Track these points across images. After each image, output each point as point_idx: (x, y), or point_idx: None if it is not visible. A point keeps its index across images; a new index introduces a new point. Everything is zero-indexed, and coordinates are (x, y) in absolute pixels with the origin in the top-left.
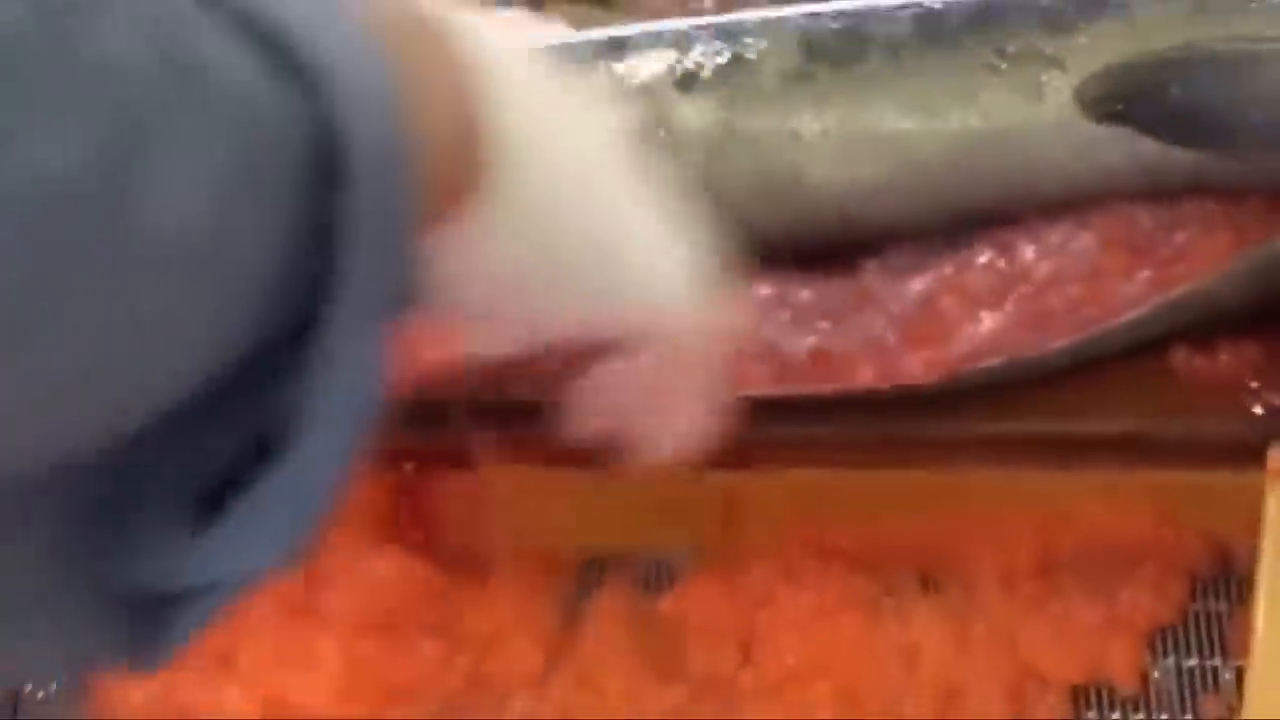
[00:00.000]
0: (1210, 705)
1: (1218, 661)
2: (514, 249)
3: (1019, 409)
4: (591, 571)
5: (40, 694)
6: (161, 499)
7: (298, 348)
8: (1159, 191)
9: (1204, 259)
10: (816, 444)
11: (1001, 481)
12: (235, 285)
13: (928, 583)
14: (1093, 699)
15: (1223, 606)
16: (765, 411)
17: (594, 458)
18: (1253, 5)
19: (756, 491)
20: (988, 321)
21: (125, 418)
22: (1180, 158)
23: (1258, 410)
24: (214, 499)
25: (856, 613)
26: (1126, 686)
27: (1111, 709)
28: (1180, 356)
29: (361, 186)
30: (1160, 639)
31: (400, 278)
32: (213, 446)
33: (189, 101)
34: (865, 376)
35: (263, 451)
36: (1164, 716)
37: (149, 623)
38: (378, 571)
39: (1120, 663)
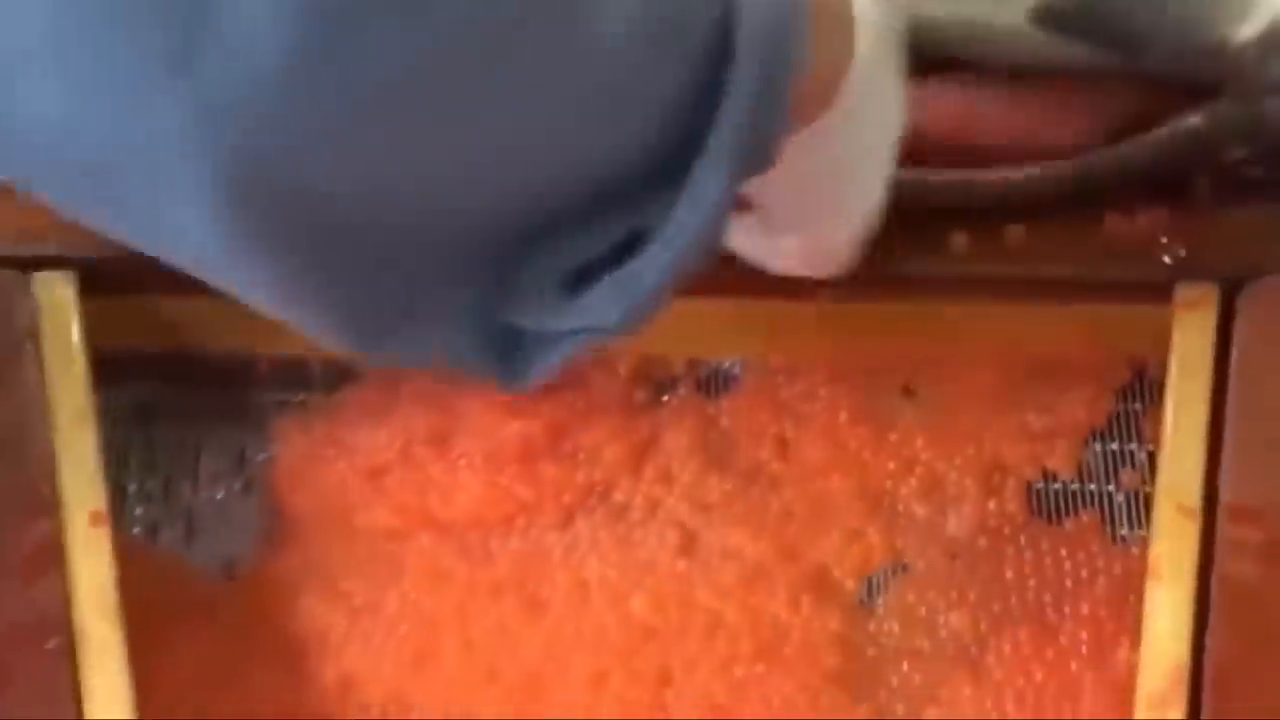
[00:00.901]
0: (1128, 478)
1: (1134, 446)
2: (838, 153)
3: (989, 254)
4: (666, 380)
5: (220, 494)
6: (552, 266)
7: (675, 172)
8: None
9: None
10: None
11: (971, 313)
12: (642, 107)
13: (910, 393)
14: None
15: (1138, 406)
16: None
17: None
18: None
19: (791, 317)
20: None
21: (548, 191)
22: (1109, 59)
23: (1167, 260)
24: (589, 271)
25: (862, 419)
26: (1067, 471)
27: (1054, 481)
28: (1110, 219)
29: (745, 66)
30: (1091, 433)
31: (761, 143)
32: (598, 232)
33: None
34: None
35: (630, 244)
36: (1092, 486)
37: (519, 353)
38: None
39: (1062, 454)
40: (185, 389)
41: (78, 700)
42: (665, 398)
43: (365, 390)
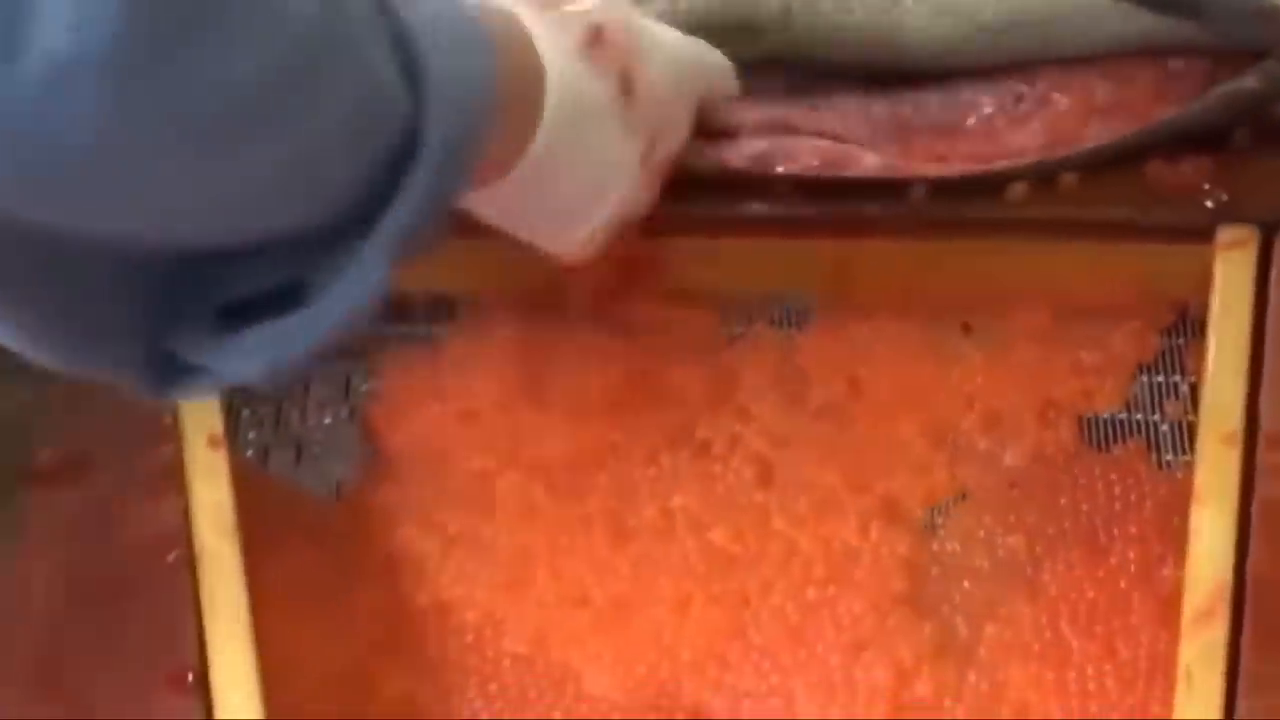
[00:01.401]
0: (1172, 408)
1: (1178, 378)
2: (527, 204)
3: (1043, 200)
4: (744, 319)
5: (327, 420)
6: (204, 300)
7: (345, 242)
8: (1151, 50)
9: (1180, 97)
10: (900, 220)
11: (1030, 253)
12: (332, 187)
13: (970, 331)
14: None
15: (1181, 342)
16: (868, 194)
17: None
18: None
19: (859, 256)
20: (1025, 135)
21: (228, 231)
22: (1167, 25)
23: (1209, 204)
24: (246, 315)
25: (928, 357)
26: (1115, 403)
27: (1103, 413)
28: (1154, 166)
29: (424, 168)
30: (1138, 367)
31: (426, 230)
32: (262, 273)
33: (340, 59)
34: (937, 168)
35: (288, 294)
36: (1139, 416)
37: (168, 375)
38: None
39: (1111, 387)
40: None
41: (197, 610)
42: (742, 335)
43: (462, 333)
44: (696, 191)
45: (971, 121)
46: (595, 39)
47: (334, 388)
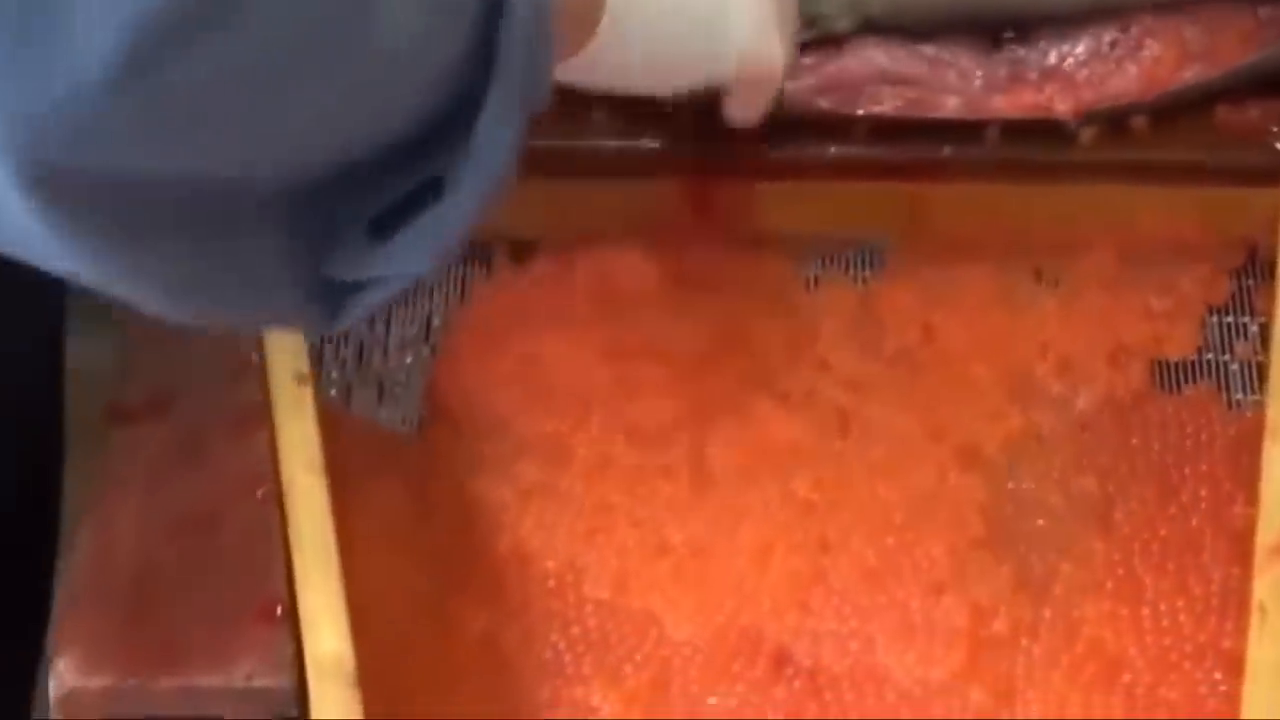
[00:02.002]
0: (1241, 349)
1: (1247, 319)
2: (629, 57)
3: (1114, 143)
4: (819, 263)
5: (409, 359)
6: (354, 217)
7: (466, 124)
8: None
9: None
10: (973, 163)
11: (1101, 196)
12: (431, 74)
13: (1041, 277)
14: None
15: (1251, 283)
16: (945, 134)
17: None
18: None
19: (933, 198)
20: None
21: (351, 147)
22: None
23: (1278, 146)
24: (392, 221)
25: (1001, 303)
26: (1187, 346)
27: (1175, 356)
28: (1222, 110)
29: (515, 21)
30: (1208, 309)
31: (537, 87)
32: (398, 182)
33: None
34: (1017, 106)
35: (428, 192)
36: (1209, 356)
37: (334, 303)
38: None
39: (1181, 330)
40: None
41: (285, 544)
42: (818, 281)
43: (541, 279)
44: (774, 133)
45: (1068, 65)
46: None
47: (415, 327)
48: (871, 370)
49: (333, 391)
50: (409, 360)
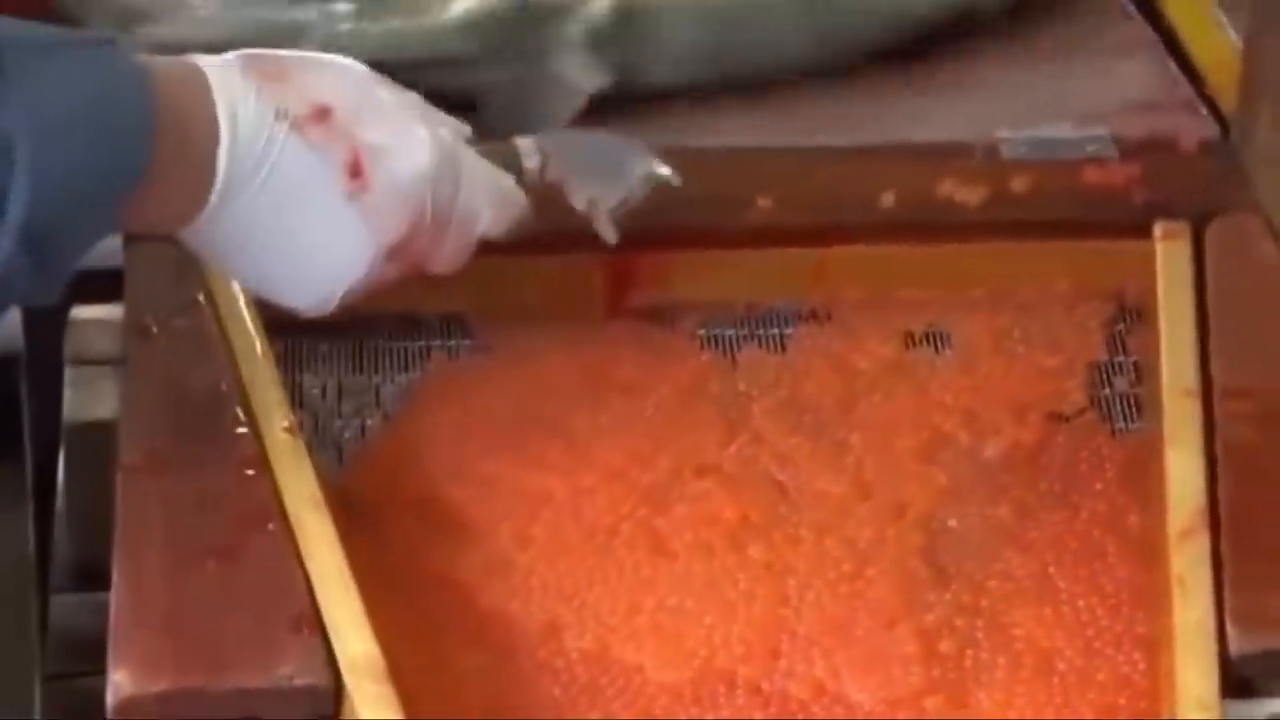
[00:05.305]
0: (1119, 383)
1: (1122, 358)
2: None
3: (997, 206)
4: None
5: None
6: None
7: None
8: None
9: None
10: (868, 226)
11: (986, 254)
12: None
13: (936, 339)
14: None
15: (1122, 327)
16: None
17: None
18: None
19: (834, 260)
20: None
21: None
22: None
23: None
24: None
25: (904, 372)
26: (1077, 392)
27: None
28: (1090, 172)
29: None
30: (1090, 357)
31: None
32: None
33: None
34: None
35: None
36: (1093, 391)
37: None
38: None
39: (1073, 383)
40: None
41: (303, 566)
42: (737, 357)
43: (476, 350)
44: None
45: None
46: (319, 116)
47: (366, 398)
48: (797, 442)
49: None
50: (369, 422)
